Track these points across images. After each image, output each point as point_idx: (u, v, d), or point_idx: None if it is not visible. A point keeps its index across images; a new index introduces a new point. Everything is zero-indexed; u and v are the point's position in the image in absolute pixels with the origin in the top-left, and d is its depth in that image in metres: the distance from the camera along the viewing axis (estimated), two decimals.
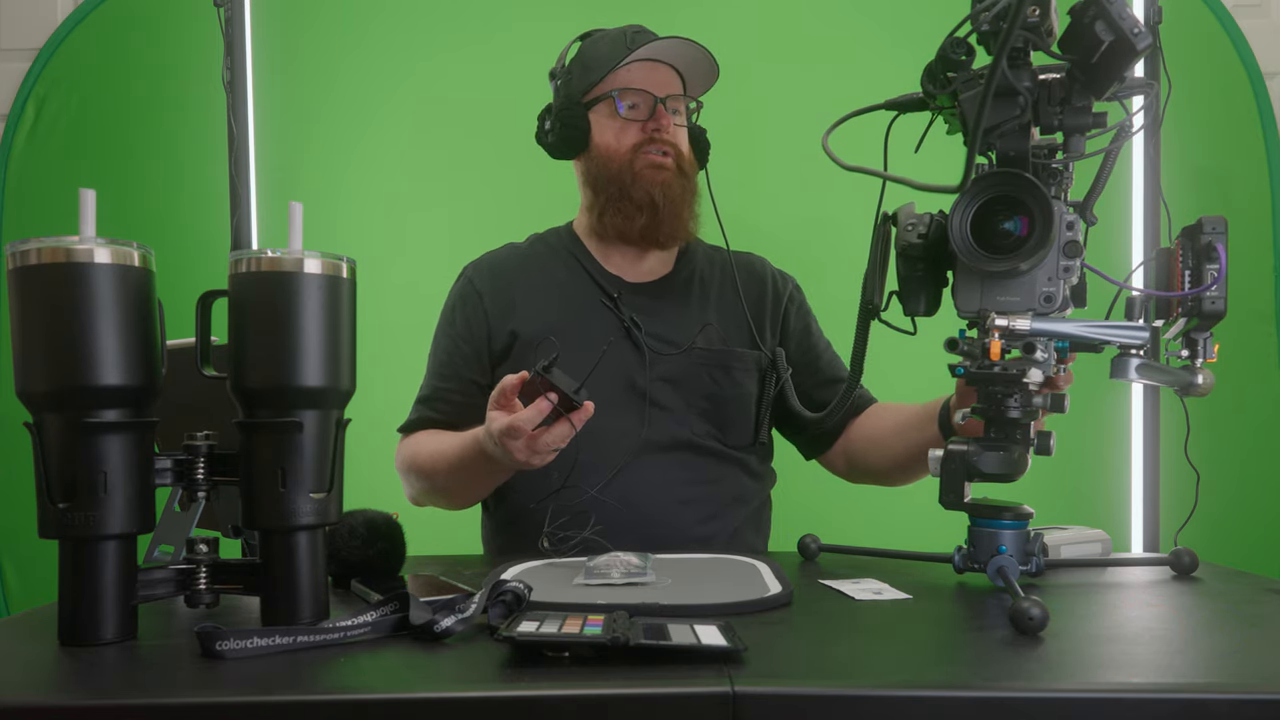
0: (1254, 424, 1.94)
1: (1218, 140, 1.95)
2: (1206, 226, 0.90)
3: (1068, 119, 0.87)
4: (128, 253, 0.76)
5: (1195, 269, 0.91)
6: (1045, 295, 0.91)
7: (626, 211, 1.36)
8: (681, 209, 1.36)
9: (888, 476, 1.39)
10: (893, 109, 0.99)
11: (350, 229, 1.97)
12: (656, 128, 1.34)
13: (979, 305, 0.91)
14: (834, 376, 1.44)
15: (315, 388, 0.78)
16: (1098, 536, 1.17)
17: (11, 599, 2.06)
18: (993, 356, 0.87)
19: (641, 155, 1.34)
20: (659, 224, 1.35)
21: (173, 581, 0.81)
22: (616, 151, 1.35)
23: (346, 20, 2.02)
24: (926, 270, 0.97)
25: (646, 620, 0.74)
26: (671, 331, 1.36)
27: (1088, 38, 0.81)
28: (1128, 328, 0.90)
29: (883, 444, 1.36)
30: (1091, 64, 0.83)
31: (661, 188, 1.34)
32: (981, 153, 0.92)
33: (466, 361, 1.38)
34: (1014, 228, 0.87)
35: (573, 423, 1.02)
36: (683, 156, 1.36)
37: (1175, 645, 0.75)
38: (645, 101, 1.34)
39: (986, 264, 0.87)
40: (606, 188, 1.36)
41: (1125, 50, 0.80)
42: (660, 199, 1.34)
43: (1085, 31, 0.81)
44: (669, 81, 1.36)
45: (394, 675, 0.69)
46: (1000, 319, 0.88)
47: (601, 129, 1.36)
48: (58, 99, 2.04)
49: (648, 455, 1.30)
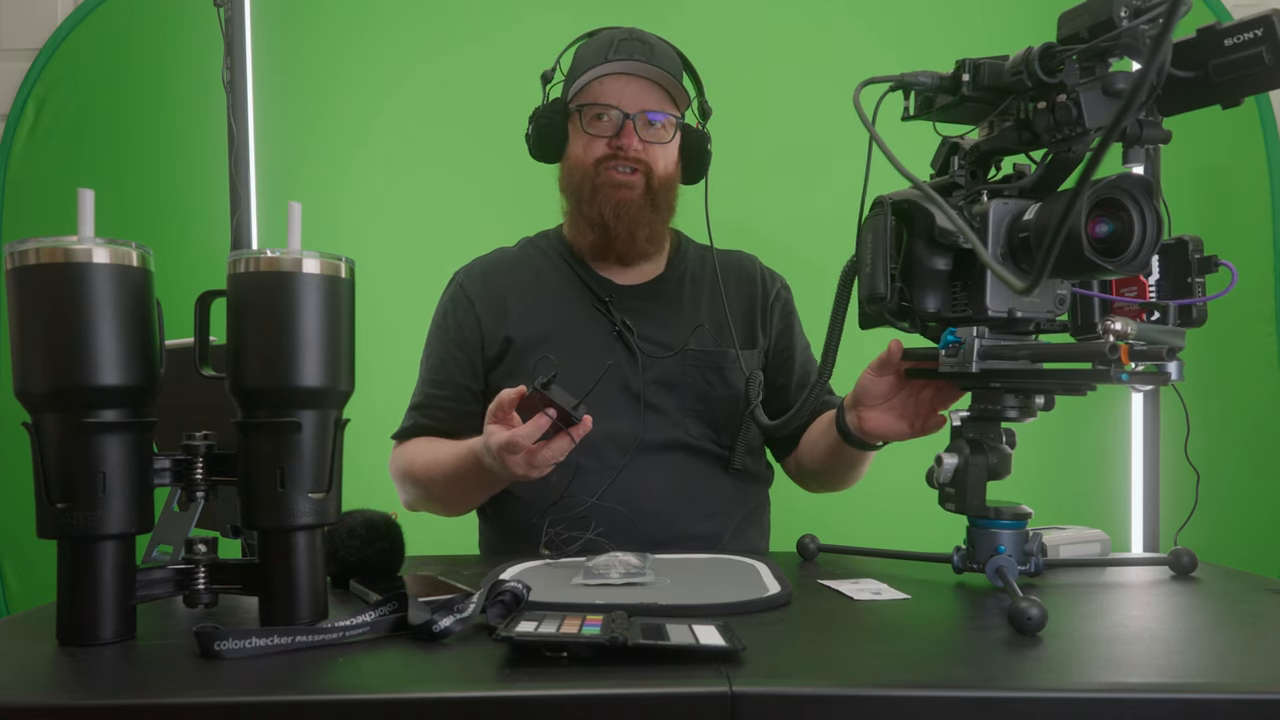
0: (1254, 424, 1.95)
1: (1218, 140, 1.95)
2: (1193, 246, 0.91)
3: (1148, 131, 0.84)
4: (126, 253, 0.76)
5: (1176, 280, 0.91)
6: (1060, 298, 0.91)
7: (579, 227, 1.36)
8: (637, 229, 1.33)
9: (820, 480, 1.41)
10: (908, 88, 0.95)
11: (350, 229, 1.97)
12: (619, 145, 1.32)
13: (1009, 305, 0.91)
14: (804, 381, 1.44)
15: (314, 388, 0.78)
16: (1097, 536, 1.17)
17: (11, 599, 2.07)
18: (1125, 361, 0.84)
19: (604, 171, 1.32)
20: (610, 243, 1.34)
21: (171, 581, 0.81)
22: (582, 163, 1.34)
23: (346, 20, 2.02)
24: (952, 264, 0.95)
25: (645, 620, 0.74)
26: (664, 334, 1.36)
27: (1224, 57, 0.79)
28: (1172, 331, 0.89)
29: (813, 447, 1.37)
30: (1214, 82, 0.80)
31: (615, 207, 1.32)
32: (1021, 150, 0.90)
33: (459, 368, 1.38)
34: (1108, 231, 0.86)
35: (572, 437, 1.02)
36: (655, 175, 1.33)
37: (1175, 645, 0.75)
38: (613, 117, 1.32)
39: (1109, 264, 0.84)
40: (572, 199, 1.37)
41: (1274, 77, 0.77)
42: (611, 219, 1.32)
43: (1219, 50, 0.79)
44: (642, 96, 1.32)
45: (393, 675, 0.69)
46: (1114, 322, 0.85)
47: (574, 139, 1.36)
48: (58, 99, 2.04)
49: (643, 457, 1.30)
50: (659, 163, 1.34)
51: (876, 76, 0.93)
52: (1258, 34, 0.77)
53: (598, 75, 1.32)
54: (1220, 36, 0.79)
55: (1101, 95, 0.83)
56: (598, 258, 1.38)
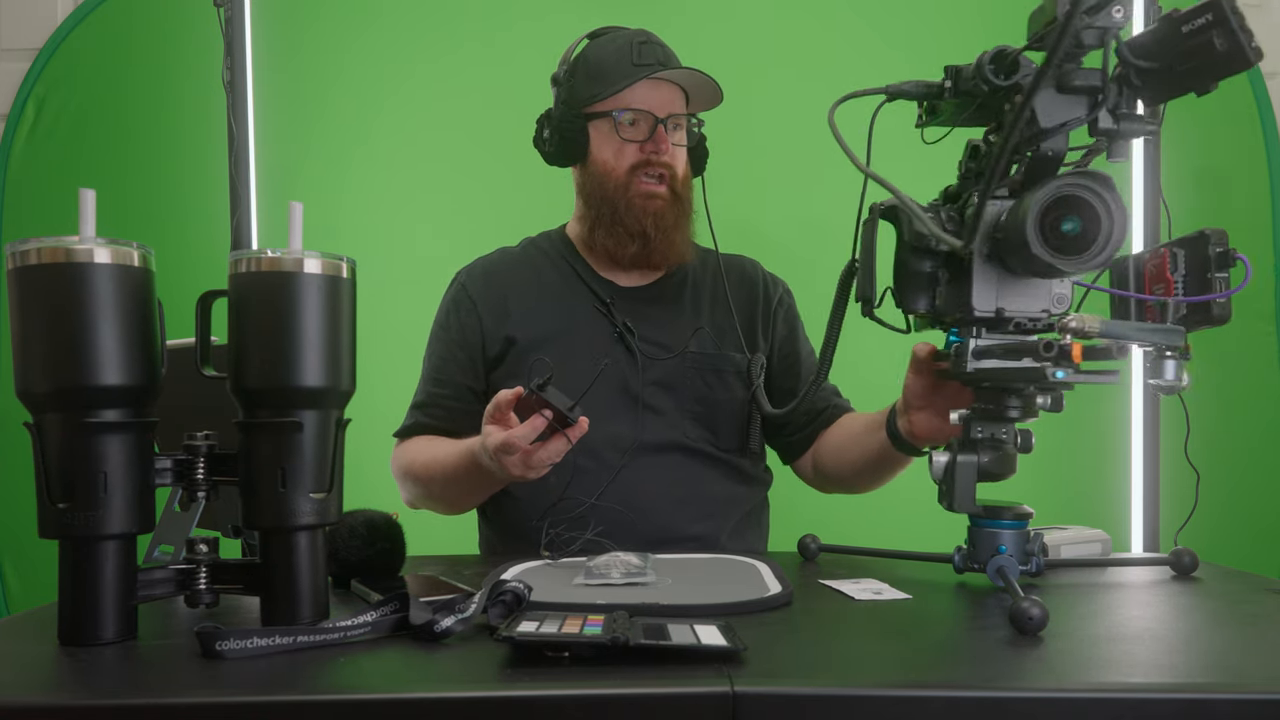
0: (1254, 424, 1.95)
1: (1218, 140, 1.95)
2: (1214, 239, 0.90)
3: (1125, 124, 0.85)
4: (128, 253, 0.76)
5: (1197, 276, 0.91)
6: (1059, 296, 0.91)
7: (618, 237, 1.35)
8: (674, 235, 1.35)
9: (846, 484, 1.40)
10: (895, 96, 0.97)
11: (350, 229, 1.97)
12: (655, 150, 1.32)
13: (996, 305, 0.91)
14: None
15: (315, 388, 0.78)
16: (1098, 536, 1.17)
17: (11, 599, 2.06)
18: (1075, 360, 0.85)
19: (637, 182, 1.33)
20: (650, 252, 1.35)
21: (172, 581, 0.81)
22: (614, 170, 1.34)
23: (347, 20, 2.02)
24: (936, 266, 0.96)
25: (646, 620, 0.74)
26: (664, 336, 1.36)
27: (1182, 46, 0.79)
28: (1166, 330, 0.89)
29: (842, 450, 1.36)
30: (1179, 70, 0.80)
31: (654, 217, 1.33)
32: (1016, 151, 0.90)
33: (461, 367, 1.38)
34: (1073, 228, 0.86)
35: (568, 438, 1.02)
36: (678, 178, 1.35)
37: (1175, 645, 0.75)
38: (646, 121, 1.33)
39: (1063, 264, 0.84)
40: (599, 206, 1.36)
41: (1235, 62, 0.77)
42: (653, 230, 1.33)
43: (1177, 39, 0.79)
44: (671, 100, 1.34)
45: (394, 675, 0.69)
46: (1073, 320, 0.86)
47: (600, 144, 1.35)
48: (58, 99, 2.04)
49: (642, 457, 1.30)
50: (679, 165, 1.36)
51: (855, 91, 0.95)
52: (1208, 19, 0.77)
53: (633, 79, 1.31)
54: (1178, 24, 0.79)
55: (1056, 94, 0.83)
56: (636, 264, 1.38)
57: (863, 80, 0.96)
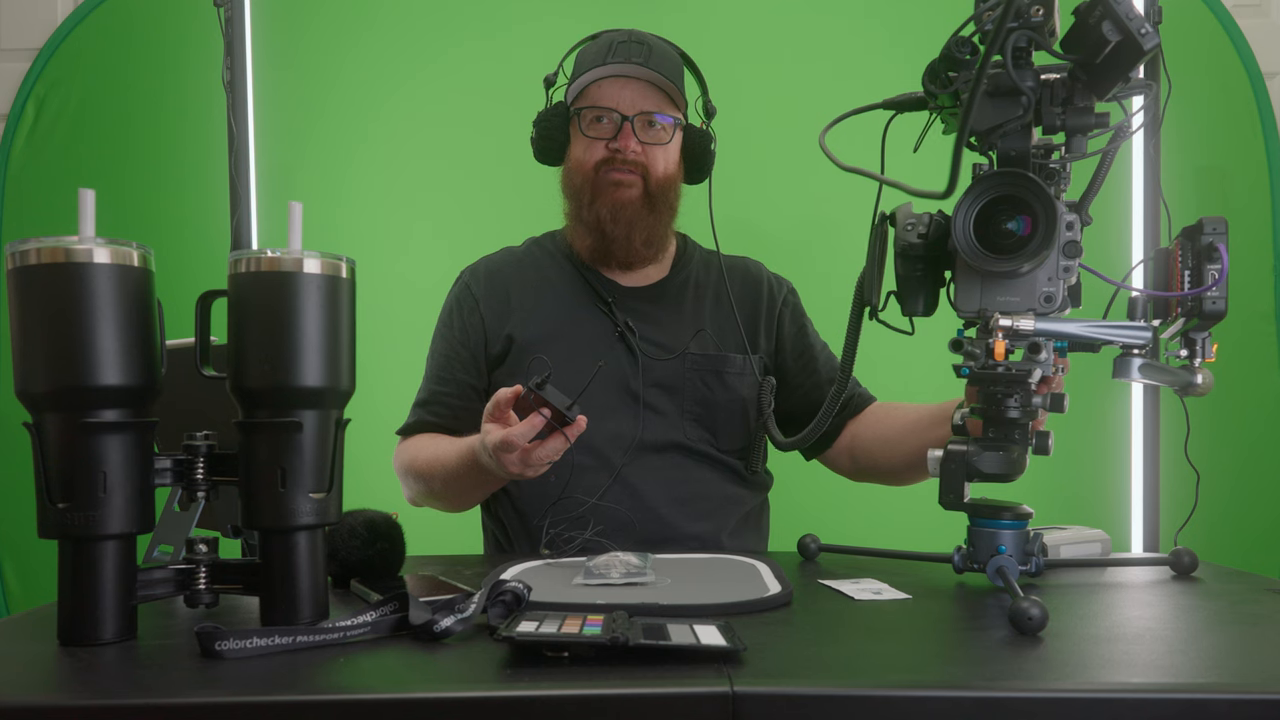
0: (1254, 424, 1.94)
1: (1218, 140, 1.95)
2: (1207, 227, 0.90)
3: (1070, 119, 0.87)
4: (127, 253, 0.76)
5: (1195, 269, 0.91)
6: (1045, 295, 0.91)
7: (579, 232, 1.37)
8: (634, 232, 1.34)
9: (895, 476, 1.38)
10: (891, 108, 0.99)
11: (350, 229, 1.97)
12: (617, 147, 1.32)
13: (979, 305, 0.91)
14: (831, 377, 1.44)
15: (314, 388, 0.78)
16: (1097, 536, 1.17)
17: (11, 599, 2.06)
18: (997, 356, 0.87)
19: (603, 174, 1.34)
20: (608, 247, 1.35)
21: (172, 581, 0.81)
22: (582, 166, 1.35)
23: (347, 20, 2.02)
24: (925, 270, 0.97)
25: (646, 620, 0.74)
26: (666, 336, 1.36)
27: (1093, 38, 0.81)
28: (1130, 327, 0.90)
29: (894, 443, 1.34)
30: (1096, 64, 0.83)
31: (613, 208, 1.33)
32: (982, 152, 0.92)
33: (464, 366, 1.39)
34: (1017, 228, 0.87)
35: (567, 436, 1.02)
36: (652, 176, 1.34)
37: (1175, 645, 0.75)
38: (611, 119, 1.33)
39: (989, 264, 0.87)
40: (572, 201, 1.38)
41: (1132, 50, 0.79)
42: (608, 221, 1.33)
43: (1090, 32, 0.81)
44: (640, 98, 1.33)
45: (393, 675, 0.69)
46: (1004, 319, 0.88)
47: (574, 142, 1.37)
48: (58, 99, 2.04)
49: (642, 457, 1.30)
50: (658, 164, 1.35)
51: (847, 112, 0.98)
52: (1100, 11, 0.79)
53: (596, 78, 1.33)
54: (1084, 16, 0.81)
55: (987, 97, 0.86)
56: (597, 262, 1.39)
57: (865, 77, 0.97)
